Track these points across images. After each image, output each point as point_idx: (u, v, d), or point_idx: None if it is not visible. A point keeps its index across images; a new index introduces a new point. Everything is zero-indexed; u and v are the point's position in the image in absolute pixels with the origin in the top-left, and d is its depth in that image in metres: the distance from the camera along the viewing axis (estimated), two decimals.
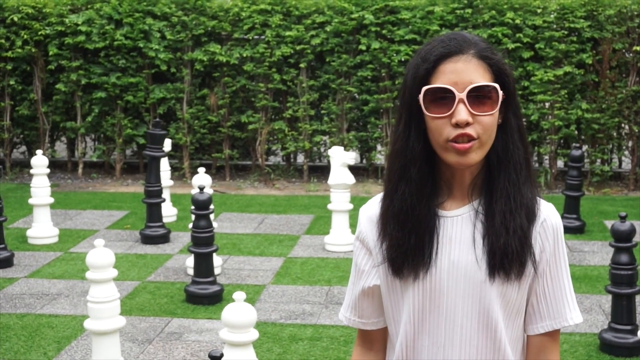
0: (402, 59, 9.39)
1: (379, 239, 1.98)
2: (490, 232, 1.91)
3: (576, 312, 1.99)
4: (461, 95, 1.85)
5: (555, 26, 9.34)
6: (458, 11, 9.41)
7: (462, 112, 1.84)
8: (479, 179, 1.95)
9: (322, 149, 10.30)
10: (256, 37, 9.79)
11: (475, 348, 1.94)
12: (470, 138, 1.86)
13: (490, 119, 1.87)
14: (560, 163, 9.85)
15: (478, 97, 1.86)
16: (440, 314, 1.94)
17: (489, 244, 1.90)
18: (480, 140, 1.86)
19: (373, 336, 2.09)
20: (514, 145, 1.92)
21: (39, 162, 7.15)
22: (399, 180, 1.94)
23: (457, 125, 1.85)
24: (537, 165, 9.97)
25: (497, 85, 1.88)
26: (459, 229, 1.94)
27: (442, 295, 1.93)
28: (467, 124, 1.85)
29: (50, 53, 9.78)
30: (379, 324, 2.06)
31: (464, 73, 1.86)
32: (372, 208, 2.03)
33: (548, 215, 1.96)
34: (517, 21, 9.24)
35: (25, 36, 9.79)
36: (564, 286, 1.98)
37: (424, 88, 1.88)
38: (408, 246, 1.92)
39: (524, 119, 9.93)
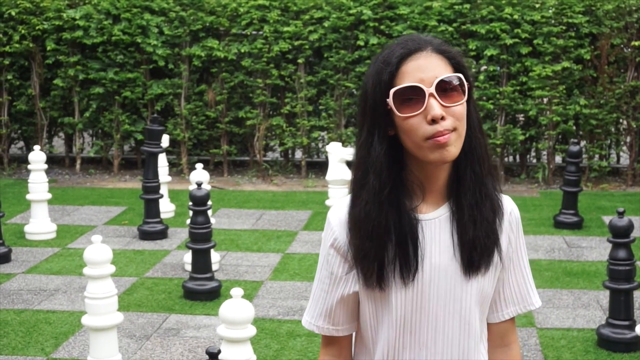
0: None
1: (349, 245, 1.96)
2: (461, 228, 1.93)
3: (537, 296, 2.09)
4: (430, 89, 1.86)
5: (553, 21, 9.32)
6: (456, 7, 9.39)
7: (435, 107, 1.85)
8: (451, 177, 1.96)
9: (320, 145, 10.29)
10: (254, 32, 9.78)
11: (457, 346, 1.96)
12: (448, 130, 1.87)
13: (461, 108, 1.89)
14: (558, 159, 9.84)
15: (446, 89, 1.87)
16: (423, 316, 1.94)
17: (462, 241, 1.93)
18: (457, 131, 1.87)
19: (342, 342, 2.06)
20: (476, 138, 1.95)
21: (37, 157, 7.14)
22: (360, 189, 1.94)
23: (433, 122, 1.85)
24: (535, 160, 9.98)
25: (462, 75, 1.90)
26: (438, 232, 1.95)
27: (424, 298, 1.94)
28: (442, 118, 1.86)
29: (48, 48, 9.76)
30: (351, 330, 2.05)
31: (427, 69, 1.88)
32: (342, 212, 1.98)
33: (512, 209, 2.03)
34: (516, 16, 9.23)
35: (22, 31, 9.77)
36: (526, 272, 2.07)
37: (392, 90, 1.88)
38: (376, 255, 1.91)
39: (522, 115, 9.95)
